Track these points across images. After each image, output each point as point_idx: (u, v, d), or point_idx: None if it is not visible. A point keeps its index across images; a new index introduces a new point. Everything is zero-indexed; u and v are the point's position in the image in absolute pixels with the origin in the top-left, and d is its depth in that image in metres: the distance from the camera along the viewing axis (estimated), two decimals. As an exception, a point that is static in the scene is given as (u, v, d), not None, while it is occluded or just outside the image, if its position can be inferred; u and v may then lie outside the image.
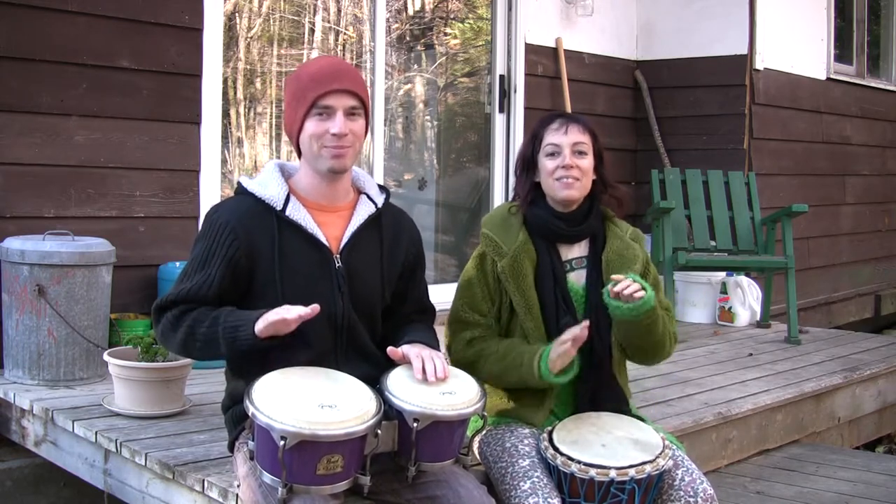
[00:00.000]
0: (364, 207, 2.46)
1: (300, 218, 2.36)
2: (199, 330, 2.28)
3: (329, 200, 2.43)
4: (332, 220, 2.42)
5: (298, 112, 2.34)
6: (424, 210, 5.92)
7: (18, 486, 3.56)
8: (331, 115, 2.33)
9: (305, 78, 2.36)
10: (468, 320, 2.66)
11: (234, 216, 2.35)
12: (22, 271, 3.51)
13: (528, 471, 2.42)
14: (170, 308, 2.33)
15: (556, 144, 2.62)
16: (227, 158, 5.12)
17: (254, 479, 2.21)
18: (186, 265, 2.38)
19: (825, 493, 3.52)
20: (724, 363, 4.57)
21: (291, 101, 2.38)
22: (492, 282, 2.65)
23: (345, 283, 2.38)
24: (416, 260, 2.57)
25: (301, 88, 2.35)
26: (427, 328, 2.56)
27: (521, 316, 2.61)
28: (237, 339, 2.24)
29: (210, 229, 2.35)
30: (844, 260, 7.11)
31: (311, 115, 2.33)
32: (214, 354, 2.34)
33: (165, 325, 2.34)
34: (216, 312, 2.29)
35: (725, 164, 5.79)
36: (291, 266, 2.35)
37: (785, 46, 6.32)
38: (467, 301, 2.67)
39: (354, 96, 2.35)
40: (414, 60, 6.04)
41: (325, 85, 2.32)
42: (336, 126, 2.32)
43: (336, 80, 2.33)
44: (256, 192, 2.38)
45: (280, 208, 2.35)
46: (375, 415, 2.15)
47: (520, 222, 2.68)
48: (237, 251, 2.32)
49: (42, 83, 3.85)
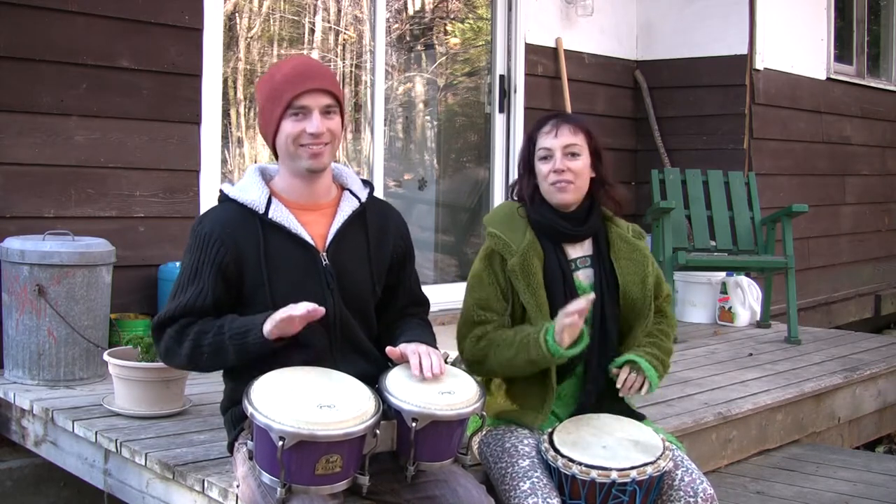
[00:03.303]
0: (347, 203, 2.46)
1: (283, 219, 2.37)
2: (204, 341, 2.28)
3: (311, 199, 2.43)
4: (316, 219, 2.42)
5: (274, 114, 2.35)
6: (424, 210, 5.92)
7: (18, 486, 3.56)
8: (307, 115, 2.33)
9: (279, 79, 2.36)
10: (482, 320, 2.63)
11: (217, 225, 2.35)
12: (22, 271, 3.51)
13: (528, 471, 2.42)
14: (169, 324, 2.34)
15: (547, 148, 2.62)
16: (227, 158, 5.12)
17: (253, 479, 2.21)
18: (177, 279, 2.39)
19: (825, 493, 3.52)
20: (724, 363, 4.57)
21: (266, 103, 2.38)
22: (502, 280, 2.64)
23: (333, 281, 2.38)
24: (404, 252, 2.57)
25: (275, 90, 2.35)
26: (424, 323, 2.56)
27: (530, 314, 2.60)
28: (247, 343, 2.24)
29: (196, 241, 2.36)
30: (844, 260, 7.11)
31: (287, 116, 2.34)
32: (223, 363, 2.35)
33: (168, 342, 2.34)
34: (219, 321, 2.30)
35: (725, 164, 5.79)
36: (278, 267, 2.35)
37: (785, 46, 6.32)
38: (480, 301, 2.65)
39: (329, 94, 2.36)
40: (414, 60, 6.04)
41: (300, 85, 2.32)
42: (313, 125, 2.32)
43: (309, 80, 2.34)
44: (238, 197, 2.38)
45: (262, 211, 2.36)
46: (374, 415, 2.15)
47: (525, 222, 2.68)
48: (224, 258, 2.32)
49: (42, 83, 3.85)
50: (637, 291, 2.65)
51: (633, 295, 2.65)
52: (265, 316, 2.23)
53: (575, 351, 2.48)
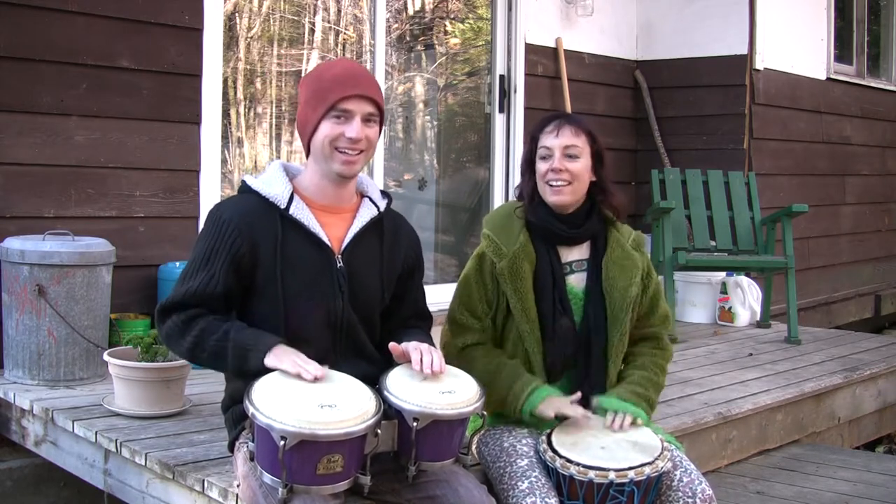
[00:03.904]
0: (367, 210, 2.47)
1: (303, 217, 2.37)
2: (208, 341, 2.28)
3: (333, 202, 2.43)
4: (335, 222, 2.42)
5: (317, 112, 2.34)
6: (424, 210, 5.92)
7: (18, 486, 3.56)
8: (349, 119, 2.33)
9: (328, 79, 2.36)
10: (463, 323, 2.66)
11: (237, 214, 2.35)
12: (22, 271, 3.51)
13: (526, 470, 2.42)
14: (176, 310, 2.32)
15: (547, 147, 2.62)
16: (227, 158, 5.12)
17: (254, 479, 2.21)
18: (188, 263, 2.37)
19: (825, 493, 3.52)
20: (724, 363, 4.57)
21: (310, 99, 2.37)
22: (489, 283, 2.65)
23: (345, 283, 2.39)
24: (414, 263, 2.58)
25: (322, 89, 2.35)
26: (425, 334, 2.56)
27: (516, 318, 2.61)
28: (247, 361, 2.24)
29: (213, 227, 2.34)
30: (844, 260, 7.11)
31: (329, 117, 2.33)
32: (221, 368, 2.36)
33: (172, 329, 2.33)
34: (226, 325, 2.29)
35: (725, 164, 5.79)
36: (293, 264, 2.35)
37: (785, 46, 6.33)
38: (464, 301, 2.68)
39: (373, 103, 2.37)
40: (414, 60, 6.04)
41: (348, 89, 2.32)
42: (353, 130, 2.33)
43: (358, 86, 2.34)
44: (261, 190, 2.38)
45: (284, 207, 2.36)
46: (375, 414, 2.15)
47: (522, 223, 2.68)
48: (240, 248, 2.31)
49: (42, 83, 3.85)
50: (617, 298, 2.62)
51: (613, 300, 2.63)
52: (272, 343, 2.23)
53: None
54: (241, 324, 2.32)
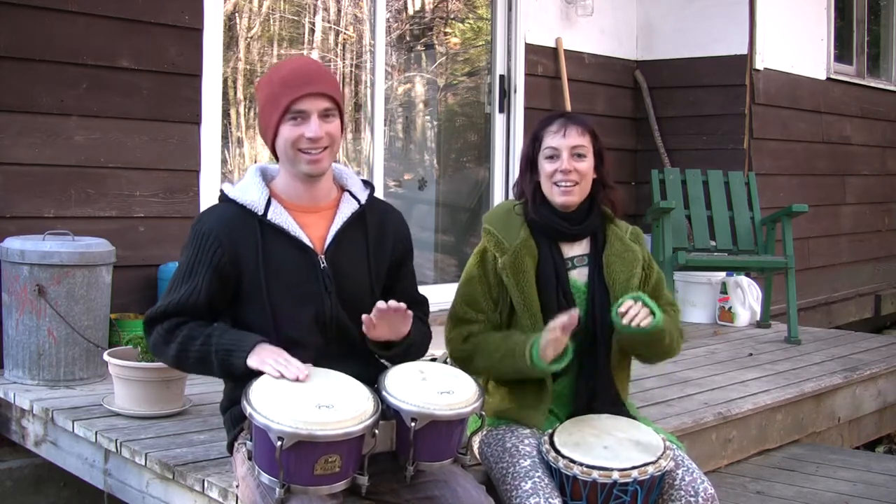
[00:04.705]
0: (347, 205, 2.46)
1: (282, 221, 2.36)
2: (191, 347, 2.29)
3: (310, 201, 2.43)
4: (315, 221, 2.42)
5: (273, 118, 2.34)
6: (424, 210, 5.93)
7: (18, 486, 3.56)
8: (305, 120, 2.32)
9: (277, 82, 2.35)
10: (468, 318, 2.66)
11: (217, 224, 2.35)
12: (22, 271, 3.51)
13: (530, 471, 2.42)
14: (160, 320, 2.34)
15: (554, 148, 2.62)
16: (227, 158, 5.12)
17: (252, 479, 2.21)
18: (174, 275, 2.38)
19: (825, 493, 3.52)
20: (724, 363, 4.57)
21: (265, 106, 2.37)
22: (492, 279, 2.65)
23: (331, 283, 2.38)
24: (403, 254, 2.56)
25: (274, 94, 2.34)
26: (421, 322, 2.54)
27: (519, 313, 2.61)
28: (231, 363, 2.25)
29: (195, 239, 2.36)
30: (844, 260, 7.11)
31: (286, 120, 2.33)
32: (208, 372, 2.36)
33: (157, 339, 2.35)
34: (209, 330, 2.30)
35: (725, 164, 5.79)
36: (276, 269, 2.35)
37: (785, 46, 6.32)
38: (467, 298, 2.67)
39: (327, 98, 2.34)
40: (414, 60, 6.04)
41: (298, 89, 2.31)
42: (311, 130, 2.31)
43: (308, 84, 2.32)
44: (238, 198, 2.38)
45: (261, 213, 2.35)
46: (373, 414, 2.15)
47: (522, 220, 2.68)
48: (222, 258, 2.32)
49: (42, 83, 3.85)
50: (620, 290, 2.62)
51: (616, 292, 2.63)
52: (254, 343, 2.23)
53: (559, 366, 2.48)
54: (224, 326, 2.32)
